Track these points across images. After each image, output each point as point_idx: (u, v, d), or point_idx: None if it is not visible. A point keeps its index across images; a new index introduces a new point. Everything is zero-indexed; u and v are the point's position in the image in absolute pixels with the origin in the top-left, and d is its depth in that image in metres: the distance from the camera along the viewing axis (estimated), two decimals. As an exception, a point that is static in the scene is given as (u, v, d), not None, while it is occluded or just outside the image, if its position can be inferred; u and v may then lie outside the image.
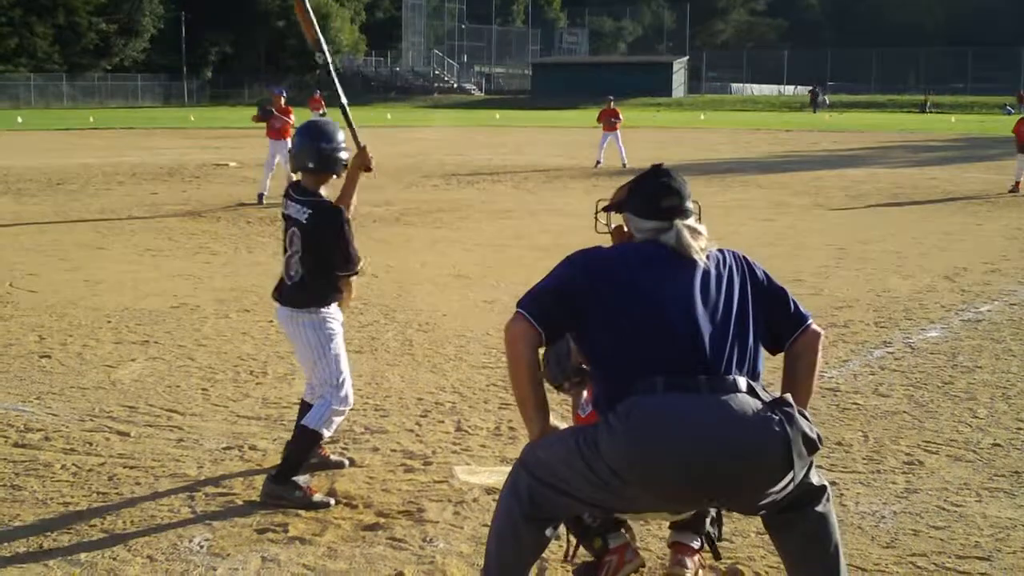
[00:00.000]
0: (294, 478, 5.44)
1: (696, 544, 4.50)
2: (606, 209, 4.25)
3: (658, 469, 3.50)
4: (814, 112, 77.13)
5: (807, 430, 3.55)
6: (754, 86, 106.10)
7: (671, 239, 3.82)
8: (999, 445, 6.34)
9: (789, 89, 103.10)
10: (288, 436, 5.91)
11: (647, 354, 3.65)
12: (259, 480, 5.62)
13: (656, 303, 3.70)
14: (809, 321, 3.96)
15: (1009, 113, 67.82)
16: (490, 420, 6.85)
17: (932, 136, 46.32)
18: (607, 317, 3.73)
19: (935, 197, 21.18)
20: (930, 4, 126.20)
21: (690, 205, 3.97)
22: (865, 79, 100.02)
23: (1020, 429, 6.64)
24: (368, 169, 5.72)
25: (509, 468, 4.02)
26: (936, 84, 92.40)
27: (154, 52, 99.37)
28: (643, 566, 4.53)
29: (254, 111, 21.00)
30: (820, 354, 3.96)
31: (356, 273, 5.57)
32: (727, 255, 3.91)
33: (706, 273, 3.80)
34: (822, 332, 4.01)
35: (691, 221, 3.92)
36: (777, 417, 3.52)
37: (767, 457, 3.49)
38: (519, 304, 3.86)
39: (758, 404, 3.56)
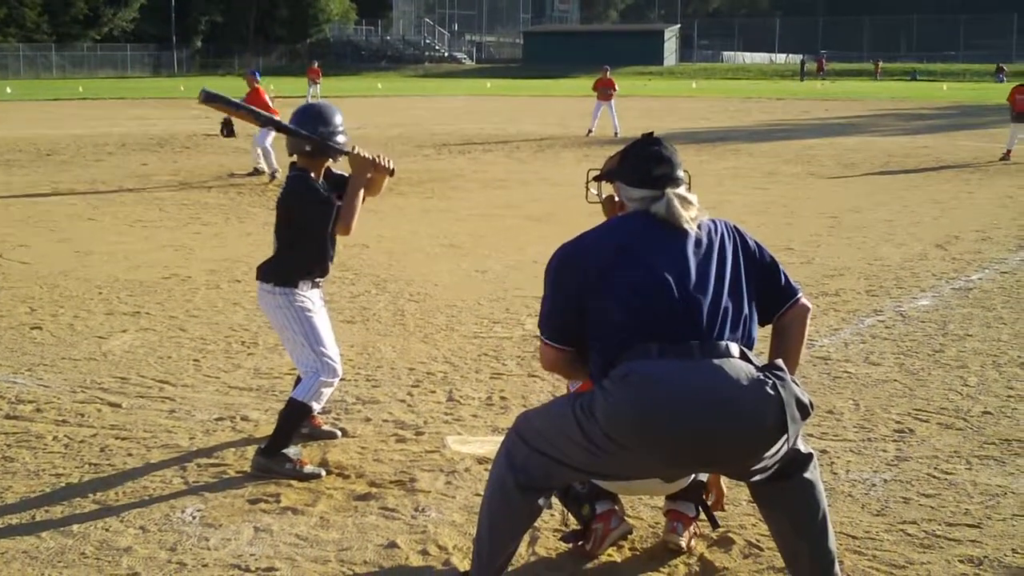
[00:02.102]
0: (284, 451, 5.43)
1: (692, 513, 4.52)
2: (597, 179, 4.23)
3: (654, 433, 3.51)
4: (802, 80, 77.12)
5: (799, 394, 3.56)
6: (745, 54, 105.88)
7: (661, 208, 3.81)
8: (989, 413, 6.35)
9: (780, 57, 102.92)
10: (279, 406, 5.92)
11: (641, 322, 3.65)
12: (251, 451, 5.62)
13: (648, 271, 3.69)
14: (799, 294, 3.98)
15: (1002, 80, 67.74)
16: (482, 390, 6.86)
17: (923, 104, 46.29)
18: (604, 292, 3.72)
19: (927, 165, 21.18)
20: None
21: (681, 174, 3.95)
22: (857, 47, 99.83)
23: (1010, 397, 6.66)
24: (382, 170, 5.50)
25: (500, 438, 4.03)
26: (928, 52, 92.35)
27: (143, 22, 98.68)
28: (630, 533, 4.56)
29: (240, 80, 20.24)
30: (806, 331, 4.00)
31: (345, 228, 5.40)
32: (719, 224, 3.90)
33: (697, 242, 3.79)
34: (811, 306, 4.03)
35: (682, 190, 3.90)
36: (771, 381, 3.53)
37: (762, 420, 3.50)
38: (541, 332, 3.96)
39: (751, 368, 3.57)
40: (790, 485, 3.79)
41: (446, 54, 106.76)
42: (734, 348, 3.63)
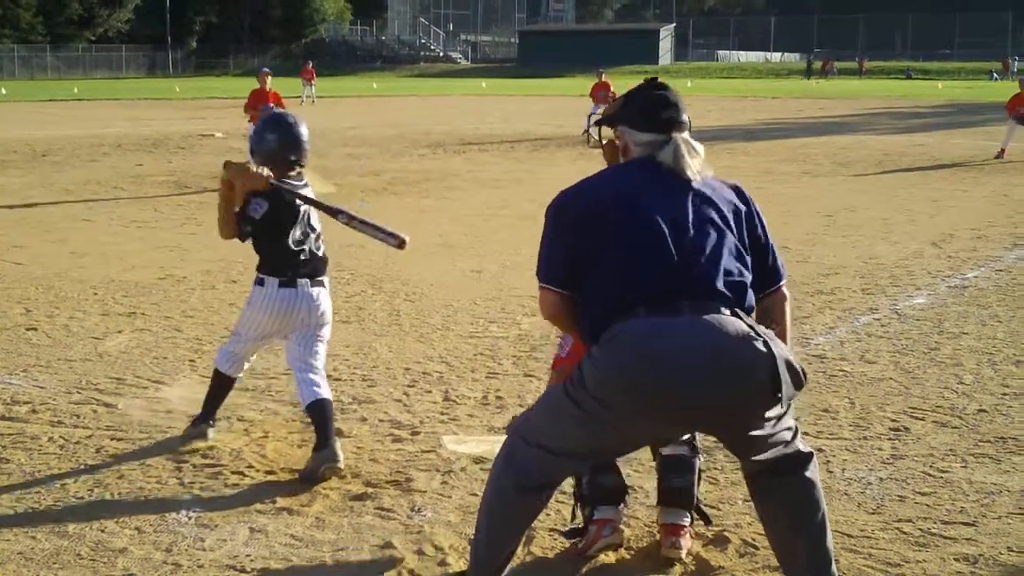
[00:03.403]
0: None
1: (686, 521, 4.50)
2: (599, 123, 4.15)
3: (642, 390, 3.48)
4: (806, 78, 77.28)
5: (791, 357, 3.54)
6: (740, 53, 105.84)
7: (668, 156, 3.76)
8: (985, 411, 6.36)
9: (776, 56, 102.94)
10: (275, 406, 5.95)
11: (634, 272, 3.62)
12: (247, 451, 5.65)
13: (646, 221, 3.65)
14: (782, 281, 3.93)
15: (995, 80, 67.64)
16: (478, 390, 6.86)
17: (918, 102, 46.30)
18: (600, 238, 3.69)
19: (922, 164, 21.19)
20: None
21: (686, 118, 3.90)
22: (852, 45, 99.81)
23: (1006, 395, 6.66)
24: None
25: (497, 437, 4.05)
26: (923, 50, 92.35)
27: (138, 22, 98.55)
28: (620, 545, 4.53)
29: (235, 80, 19.86)
30: (788, 315, 3.95)
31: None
32: (728, 184, 3.86)
33: (701, 195, 3.74)
34: (788, 295, 3.98)
35: (688, 135, 3.85)
36: (761, 338, 3.51)
37: (753, 372, 3.47)
38: (539, 277, 3.86)
39: (741, 324, 3.54)
40: (790, 482, 3.76)
41: (441, 54, 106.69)
42: (725, 306, 3.60)
